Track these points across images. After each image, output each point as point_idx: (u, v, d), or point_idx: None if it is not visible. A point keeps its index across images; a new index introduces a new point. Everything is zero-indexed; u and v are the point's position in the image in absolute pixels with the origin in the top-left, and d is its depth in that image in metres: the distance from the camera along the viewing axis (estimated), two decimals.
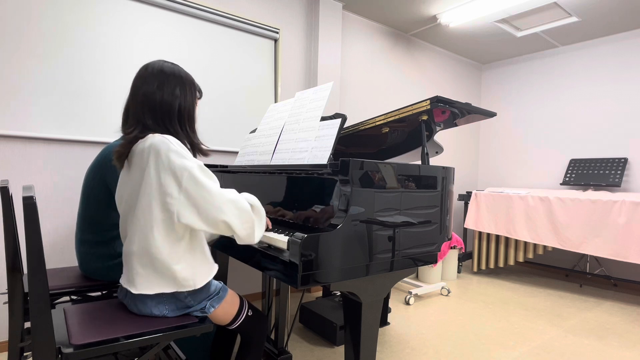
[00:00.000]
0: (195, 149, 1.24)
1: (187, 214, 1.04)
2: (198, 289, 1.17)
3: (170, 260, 1.08)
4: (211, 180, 1.08)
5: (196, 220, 1.05)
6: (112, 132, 2.19)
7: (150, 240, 1.06)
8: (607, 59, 3.71)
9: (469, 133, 4.67)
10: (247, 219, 1.10)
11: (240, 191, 1.76)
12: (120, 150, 1.12)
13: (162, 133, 1.15)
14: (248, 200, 1.16)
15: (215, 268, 1.22)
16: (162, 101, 1.15)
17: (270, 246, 1.24)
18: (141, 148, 1.09)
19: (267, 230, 1.34)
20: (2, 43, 1.88)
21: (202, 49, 2.56)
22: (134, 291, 1.11)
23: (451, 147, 4.45)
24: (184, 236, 1.10)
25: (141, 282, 1.10)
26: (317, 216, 1.28)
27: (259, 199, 1.60)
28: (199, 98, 1.32)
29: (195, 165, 1.06)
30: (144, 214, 1.07)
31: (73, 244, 2.12)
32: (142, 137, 1.12)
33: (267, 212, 1.54)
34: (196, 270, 1.13)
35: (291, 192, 1.42)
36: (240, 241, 1.13)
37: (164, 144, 1.06)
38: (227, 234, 1.10)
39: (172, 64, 1.22)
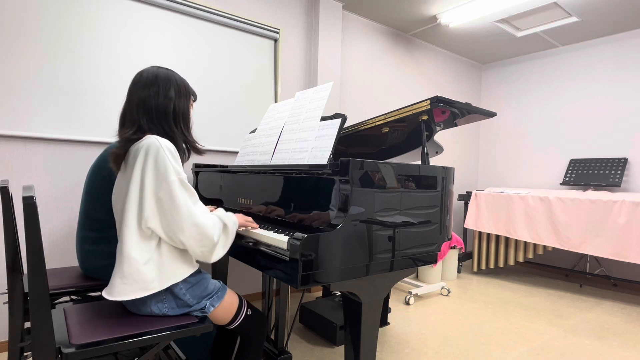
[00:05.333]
0: (191, 147, 1.26)
1: (153, 220, 1.08)
2: (194, 286, 1.18)
3: (140, 260, 1.08)
4: (187, 197, 1.09)
5: (158, 229, 1.09)
6: (112, 132, 2.19)
7: (124, 238, 1.08)
8: (607, 59, 3.71)
9: (469, 133, 4.67)
10: (207, 243, 1.12)
11: (240, 191, 1.76)
12: (116, 152, 1.14)
13: (158, 133, 1.17)
14: (223, 220, 1.18)
15: (190, 268, 1.18)
16: (157, 105, 1.18)
17: (270, 246, 1.24)
18: (136, 148, 1.11)
19: (263, 228, 1.34)
20: (2, 43, 1.88)
21: (203, 49, 2.56)
22: (102, 293, 1.13)
23: (451, 147, 4.45)
24: (154, 235, 1.11)
25: (110, 284, 1.12)
26: (317, 216, 1.28)
27: (258, 198, 1.60)
28: (194, 101, 1.33)
29: (176, 178, 1.08)
30: (125, 211, 1.09)
31: (73, 244, 2.12)
32: (138, 138, 1.14)
33: (266, 212, 1.54)
34: (162, 270, 1.12)
35: (291, 192, 1.42)
36: (195, 257, 1.16)
37: (155, 147, 1.08)
38: (183, 248, 1.12)
39: (167, 69, 1.24)
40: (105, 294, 1.12)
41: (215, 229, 1.13)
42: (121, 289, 1.08)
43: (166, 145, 1.10)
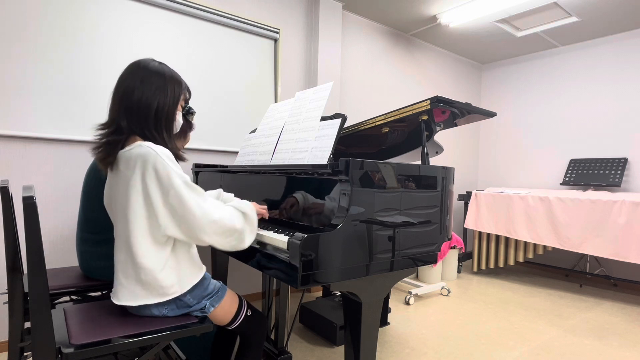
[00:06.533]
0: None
1: (172, 227, 1.07)
2: (195, 286, 1.18)
3: (155, 268, 1.07)
4: (197, 197, 1.07)
5: (179, 234, 1.08)
6: None
7: (136, 249, 1.06)
8: (607, 59, 3.71)
9: (469, 133, 4.67)
10: (232, 233, 1.11)
11: (240, 191, 1.76)
12: (101, 156, 1.09)
13: (137, 135, 1.13)
14: (240, 209, 1.16)
15: (202, 270, 1.21)
16: (140, 100, 1.11)
17: (270, 246, 1.24)
18: (127, 156, 1.07)
19: (263, 228, 1.34)
20: (2, 43, 1.88)
21: (203, 49, 2.56)
22: (116, 302, 1.12)
23: (451, 147, 4.45)
24: (169, 242, 1.11)
25: (124, 293, 1.11)
26: (317, 216, 1.28)
27: (259, 199, 1.60)
28: (188, 98, 1.29)
29: (181, 182, 1.05)
30: (131, 222, 1.06)
31: (73, 244, 2.12)
32: (117, 140, 1.09)
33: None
34: (180, 274, 1.13)
35: (291, 192, 1.42)
36: (225, 250, 1.14)
37: (152, 156, 1.04)
38: (210, 246, 1.11)
39: (160, 62, 1.19)
40: (122, 301, 1.10)
41: (234, 218, 1.12)
42: (143, 294, 1.09)
43: (162, 151, 1.06)
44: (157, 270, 1.08)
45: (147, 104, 1.12)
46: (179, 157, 1.22)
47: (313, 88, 1.74)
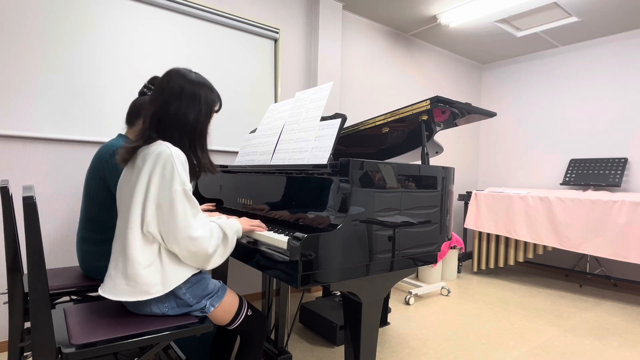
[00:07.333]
0: (203, 169, 1.23)
1: (153, 225, 1.08)
2: (194, 285, 1.18)
3: (142, 262, 1.08)
4: (188, 209, 1.08)
5: (157, 236, 1.09)
6: (112, 132, 2.19)
7: (129, 240, 1.08)
8: (607, 59, 3.71)
9: (469, 133, 4.67)
10: (200, 254, 1.11)
11: (240, 191, 1.76)
12: (123, 156, 1.14)
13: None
14: (223, 229, 1.17)
15: (192, 269, 1.17)
16: (176, 113, 1.15)
17: (270, 246, 1.24)
18: (145, 152, 1.12)
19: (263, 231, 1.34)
20: (2, 43, 1.88)
21: (203, 49, 2.56)
22: (101, 293, 1.12)
23: (451, 147, 4.45)
24: (156, 239, 1.11)
25: (109, 285, 1.11)
26: (317, 216, 1.28)
27: (258, 198, 1.60)
28: (217, 110, 1.29)
29: (180, 188, 1.07)
30: (130, 213, 1.09)
31: (73, 244, 2.12)
32: (147, 146, 1.14)
33: (266, 212, 1.54)
34: (164, 274, 1.11)
35: (291, 192, 1.42)
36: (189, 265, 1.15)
37: (165, 154, 1.08)
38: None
39: (197, 73, 1.22)
40: (106, 293, 1.11)
41: (212, 240, 1.13)
42: (125, 290, 1.09)
43: (177, 153, 1.09)
44: (143, 265, 1.08)
45: (184, 117, 1.16)
46: (210, 171, 1.24)
47: (313, 88, 1.74)
